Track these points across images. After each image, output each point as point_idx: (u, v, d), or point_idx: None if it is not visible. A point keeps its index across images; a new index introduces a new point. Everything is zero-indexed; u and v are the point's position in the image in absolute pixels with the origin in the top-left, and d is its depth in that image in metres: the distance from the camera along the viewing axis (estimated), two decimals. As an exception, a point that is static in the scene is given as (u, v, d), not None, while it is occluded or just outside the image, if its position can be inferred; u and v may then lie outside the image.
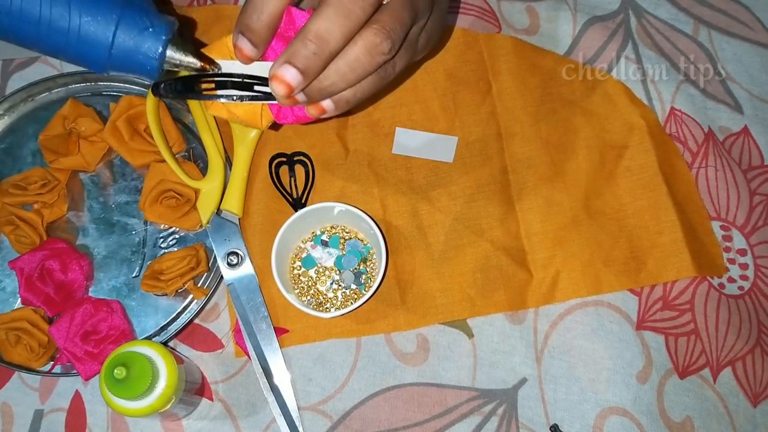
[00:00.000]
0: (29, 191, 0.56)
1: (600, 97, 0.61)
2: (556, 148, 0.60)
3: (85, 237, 0.58)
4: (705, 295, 0.57)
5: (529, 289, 0.57)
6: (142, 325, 0.56)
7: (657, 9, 0.65)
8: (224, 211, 0.58)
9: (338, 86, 0.42)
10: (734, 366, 0.56)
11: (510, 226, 0.58)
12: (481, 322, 0.56)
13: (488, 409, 0.54)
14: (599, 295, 0.57)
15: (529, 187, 0.59)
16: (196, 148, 0.60)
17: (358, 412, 0.54)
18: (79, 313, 0.53)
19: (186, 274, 0.55)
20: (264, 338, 0.55)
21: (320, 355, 0.56)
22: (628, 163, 0.59)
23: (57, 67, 0.64)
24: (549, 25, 0.64)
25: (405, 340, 0.56)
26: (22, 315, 0.54)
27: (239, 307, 0.56)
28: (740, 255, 0.59)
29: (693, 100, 0.62)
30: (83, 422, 0.55)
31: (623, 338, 0.55)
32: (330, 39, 0.40)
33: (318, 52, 0.40)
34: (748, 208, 0.60)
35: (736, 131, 0.62)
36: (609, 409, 0.54)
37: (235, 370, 0.56)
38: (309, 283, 0.56)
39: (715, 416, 0.55)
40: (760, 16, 0.66)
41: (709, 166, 0.60)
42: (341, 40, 0.40)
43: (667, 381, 0.55)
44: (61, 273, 0.55)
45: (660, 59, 0.63)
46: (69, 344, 0.52)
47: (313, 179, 0.59)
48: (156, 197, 0.56)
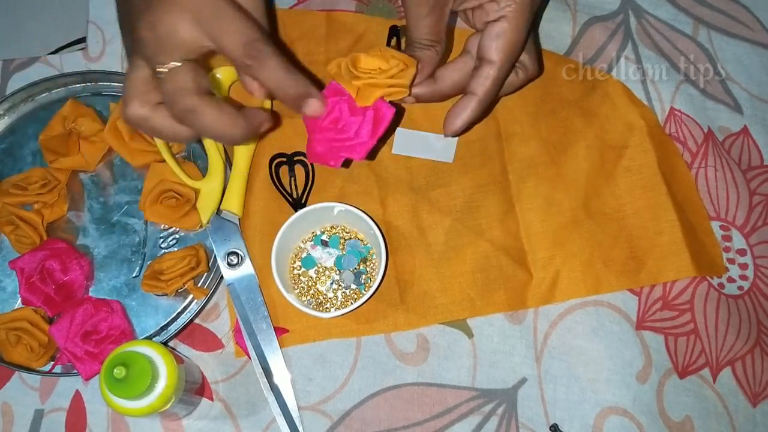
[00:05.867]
0: (29, 191, 0.56)
1: (600, 97, 0.61)
2: (555, 148, 0.60)
3: (86, 237, 0.58)
4: (705, 295, 0.57)
5: (529, 289, 0.57)
6: (143, 325, 0.56)
7: (657, 9, 0.65)
8: (224, 211, 0.58)
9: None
10: (734, 366, 0.56)
11: (510, 226, 0.58)
12: (480, 322, 0.56)
13: (488, 408, 0.54)
14: (599, 295, 0.57)
15: (529, 187, 0.59)
16: (196, 147, 0.60)
17: (358, 412, 0.54)
18: (79, 313, 0.53)
19: (186, 274, 0.55)
20: (264, 338, 0.55)
21: (320, 355, 0.56)
22: (627, 163, 0.59)
23: (57, 68, 0.64)
24: (549, 25, 0.64)
25: (405, 340, 0.56)
26: (22, 315, 0.54)
27: (239, 307, 0.56)
28: (740, 255, 0.59)
29: (693, 100, 0.62)
30: (83, 422, 0.55)
31: (623, 338, 0.56)
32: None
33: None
34: (747, 208, 0.60)
35: (735, 131, 0.62)
36: (609, 409, 0.54)
37: (235, 370, 0.56)
38: (309, 283, 0.56)
39: (715, 416, 0.55)
40: (759, 16, 0.66)
41: (708, 166, 0.60)
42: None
43: (666, 381, 0.55)
44: (62, 273, 0.55)
45: (660, 59, 0.63)
46: (69, 344, 0.52)
47: (313, 179, 0.59)
48: (156, 197, 0.56)
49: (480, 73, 0.49)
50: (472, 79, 0.50)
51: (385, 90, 0.48)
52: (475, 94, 0.50)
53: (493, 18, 0.49)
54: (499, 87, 0.51)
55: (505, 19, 0.48)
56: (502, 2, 0.49)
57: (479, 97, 0.50)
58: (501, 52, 0.49)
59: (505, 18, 0.48)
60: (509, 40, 0.49)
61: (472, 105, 0.50)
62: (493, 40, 0.49)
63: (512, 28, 0.49)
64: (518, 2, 0.48)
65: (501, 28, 0.49)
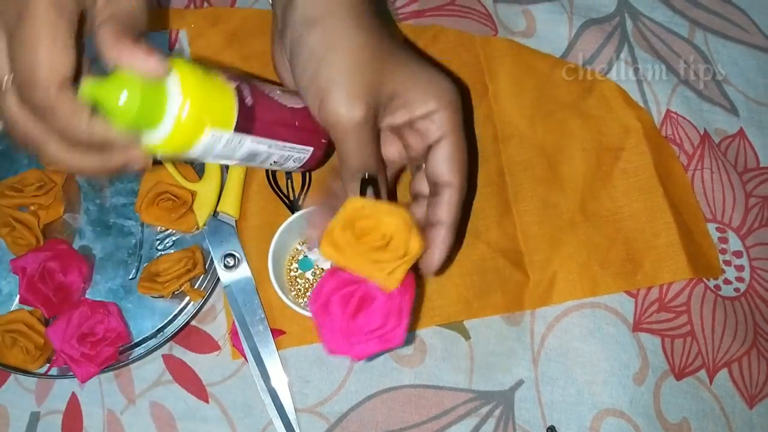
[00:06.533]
0: (25, 193, 0.56)
1: (596, 99, 0.61)
2: (552, 151, 0.60)
3: (82, 239, 0.58)
4: (701, 297, 0.57)
5: (526, 291, 0.57)
6: (139, 327, 0.56)
7: (653, 12, 0.65)
8: (221, 213, 0.58)
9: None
10: (730, 368, 0.56)
11: (507, 228, 0.58)
12: (477, 324, 0.56)
13: (485, 411, 0.54)
14: (596, 297, 0.57)
15: (526, 189, 0.59)
16: (193, 150, 0.60)
17: (355, 414, 0.54)
18: (75, 315, 0.53)
19: (182, 276, 0.55)
20: (261, 340, 0.55)
21: (317, 357, 0.56)
22: (624, 166, 0.60)
23: (54, 69, 0.64)
24: (545, 27, 0.64)
25: (402, 342, 0.56)
26: (18, 317, 0.54)
27: (236, 309, 0.56)
28: (736, 257, 0.59)
29: (689, 103, 0.62)
30: (79, 424, 0.55)
31: (620, 340, 0.56)
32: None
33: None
34: (743, 210, 0.60)
35: (731, 133, 0.63)
36: (606, 411, 0.54)
37: (232, 373, 0.56)
38: (306, 286, 0.56)
39: (712, 418, 0.55)
40: (755, 19, 0.66)
41: (704, 168, 0.61)
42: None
43: (663, 383, 0.55)
44: (62, 274, 0.55)
45: (656, 62, 0.63)
46: (65, 346, 0.52)
47: (310, 181, 0.59)
48: (152, 199, 0.56)
49: (442, 199, 0.45)
50: (435, 207, 0.46)
51: (409, 264, 0.42)
52: (443, 222, 0.45)
53: (434, 139, 0.45)
54: (461, 209, 0.46)
55: (447, 138, 0.45)
56: (435, 119, 0.45)
57: (449, 223, 0.45)
58: (457, 172, 0.45)
59: (446, 138, 0.45)
60: (460, 159, 0.45)
61: (445, 235, 0.45)
62: (445, 164, 0.45)
63: (457, 146, 0.45)
64: (452, 117, 0.45)
65: (448, 149, 0.45)
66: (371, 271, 0.41)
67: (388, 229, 0.41)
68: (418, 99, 0.44)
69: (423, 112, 0.45)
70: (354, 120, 0.42)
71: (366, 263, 0.41)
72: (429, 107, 0.44)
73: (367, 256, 0.41)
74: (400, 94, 0.44)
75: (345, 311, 0.42)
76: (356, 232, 0.41)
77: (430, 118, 0.45)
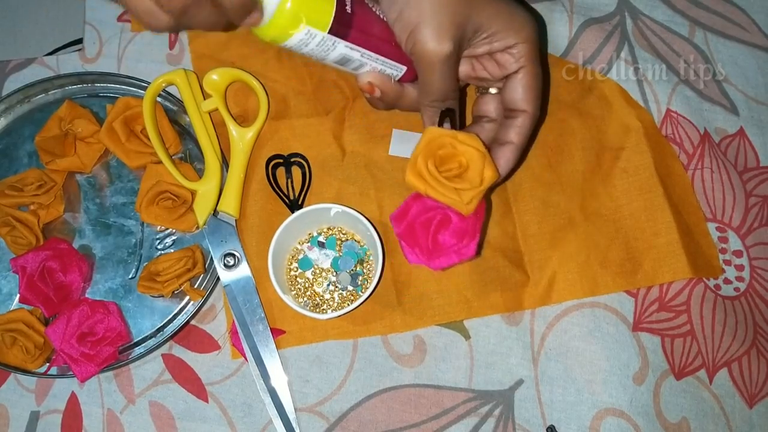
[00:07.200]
0: (25, 192, 0.56)
1: (596, 98, 0.61)
2: (552, 150, 0.60)
3: (82, 238, 0.58)
4: (701, 297, 0.57)
5: (526, 291, 0.57)
6: (139, 326, 0.56)
7: (653, 11, 0.65)
8: (221, 213, 0.58)
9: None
10: (730, 367, 0.56)
11: (506, 227, 0.58)
12: (477, 324, 0.56)
13: (485, 410, 0.54)
14: (596, 297, 0.57)
15: (526, 189, 0.59)
16: (193, 149, 0.60)
17: (355, 414, 0.54)
18: (75, 314, 0.53)
19: (182, 275, 0.55)
20: (261, 340, 0.55)
21: (317, 357, 0.56)
22: (624, 165, 0.60)
23: (54, 69, 0.64)
24: (546, 27, 0.64)
25: (402, 342, 0.56)
26: (17, 316, 0.54)
27: (236, 308, 0.56)
28: (736, 256, 0.59)
29: (689, 102, 0.62)
30: (79, 424, 0.55)
31: (619, 339, 0.56)
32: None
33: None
34: (743, 209, 0.60)
35: (731, 133, 0.62)
36: (605, 411, 0.54)
37: (232, 372, 0.56)
38: (306, 285, 0.56)
39: (712, 417, 0.55)
40: (755, 18, 0.66)
41: (705, 167, 0.60)
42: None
43: (663, 382, 0.55)
44: (62, 274, 0.55)
45: (656, 61, 0.63)
46: (65, 346, 0.52)
47: (310, 181, 0.59)
48: (152, 199, 0.56)
49: (515, 123, 0.50)
50: (508, 129, 0.51)
51: (484, 192, 0.47)
52: (512, 142, 0.50)
53: (513, 70, 0.49)
54: (531, 134, 0.51)
55: (525, 69, 0.49)
56: (515, 52, 0.49)
57: (518, 145, 0.51)
58: (532, 101, 0.50)
59: (524, 69, 0.49)
60: (535, 89, 0.50)
61: (512, 154, 0.51)
62: (522, 93, 0.50)
63: (534, 77, 0.50)
64: (530, 50, 0.48)
65: (525, 80, 0.49)
66: (451, 199, 0.47)
67: (464, 157, 0.46)
68: (500, 33, 0.48)
69: (504, 45, 0.48)
70: (441, 55, 0.45)
71: (446, 192, 0.46)
72: (509, 41, 0.48)
73: (447, 184, 0.46)
74: (485, 28, 0.47)
75: (427, 233, 0.48)
76: (436, 161, 0.46)
77: (509, 50, 0.48)
